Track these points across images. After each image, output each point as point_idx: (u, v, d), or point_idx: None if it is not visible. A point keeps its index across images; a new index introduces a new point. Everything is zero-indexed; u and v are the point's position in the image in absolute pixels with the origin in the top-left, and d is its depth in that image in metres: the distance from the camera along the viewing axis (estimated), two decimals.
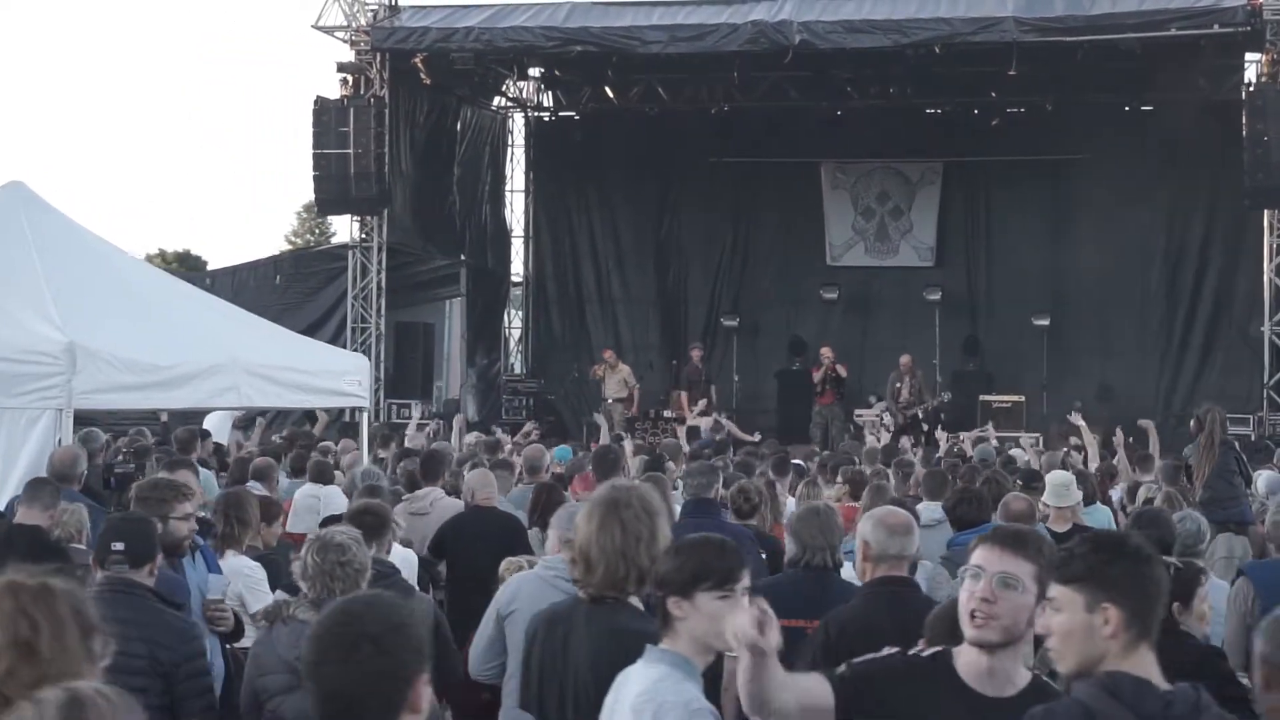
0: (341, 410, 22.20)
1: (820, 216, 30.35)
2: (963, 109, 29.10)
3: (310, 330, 26.17)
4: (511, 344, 32.24)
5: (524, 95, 31.24)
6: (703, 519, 9.22)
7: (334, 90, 25.72)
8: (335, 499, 11.31)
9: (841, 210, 30.35)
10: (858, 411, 26.69)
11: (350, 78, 25.58)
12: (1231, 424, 24.14)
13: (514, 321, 32.34)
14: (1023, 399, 27.10)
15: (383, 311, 26.26)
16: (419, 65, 26.02)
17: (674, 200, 31.16)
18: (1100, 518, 11.83)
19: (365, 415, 12.29)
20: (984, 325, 29.48)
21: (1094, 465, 16.52)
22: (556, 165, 31.48)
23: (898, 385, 25.86)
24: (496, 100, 30.92)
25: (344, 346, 26.09)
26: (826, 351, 26.86)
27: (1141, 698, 3.73)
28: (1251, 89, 23.17)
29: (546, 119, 31.82)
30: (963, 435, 21.39)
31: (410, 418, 25.35)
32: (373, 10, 25.71)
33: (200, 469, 13.78)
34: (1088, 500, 12.11)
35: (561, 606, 5.10)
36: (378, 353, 26.28)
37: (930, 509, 11.10)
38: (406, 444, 17.67)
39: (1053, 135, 28.46)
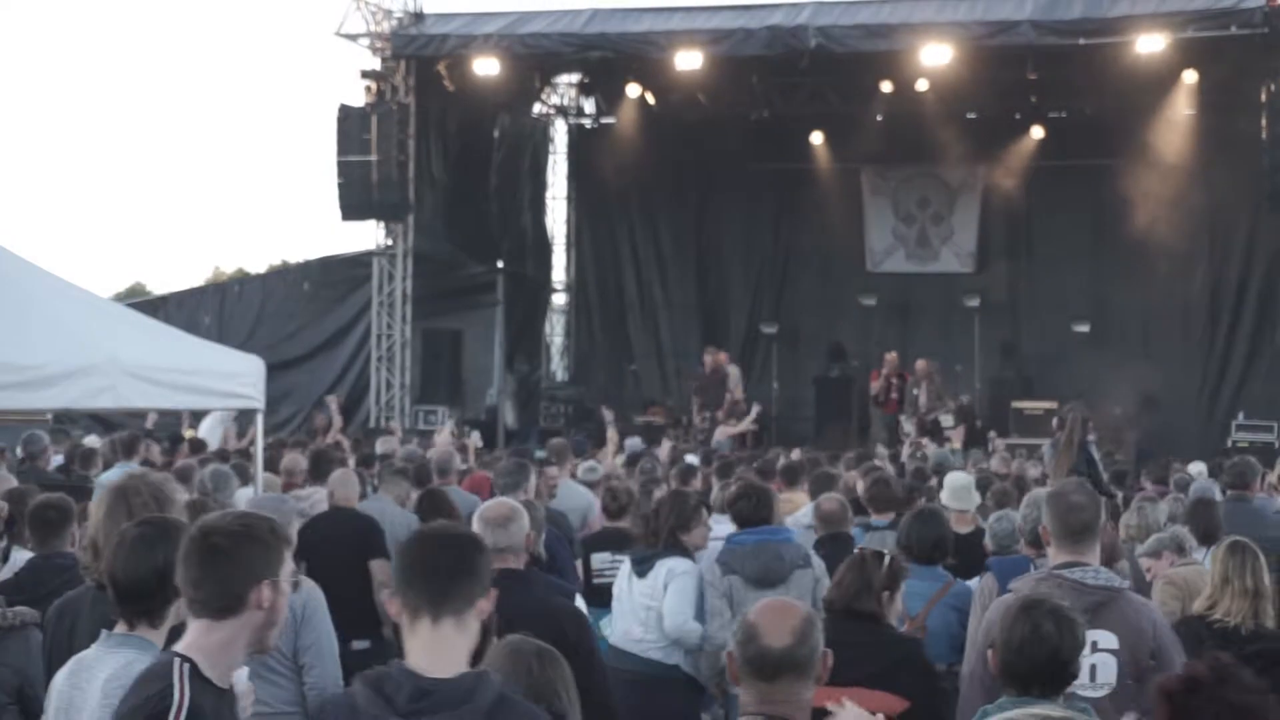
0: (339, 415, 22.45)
1: (861, 222, 30.18)
2: (1004, 114, 28.74)
3: (336, 337, 26.63)
4: (553, 351, 32.32)
5: (564, 103, 31.31)
6: None
7: (359, 98, 25.92)
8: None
9: (882, 216, 30.16)
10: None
11: (374, 85, 25.79)
12: (1262, 432, 23.96)
13: (556, 329, 32.41)
14: (1055, 405, 26.67)
15: (408, 318, 26.42)
16: (442, 72, 26.14)
17: (715, 207, 31.13)
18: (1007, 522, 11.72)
19: (259, 418, 12.29)
20: (1024, 331, 29.19)
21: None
22: (597, 172, 31.48)
23: (915, 391, 25.59)
24: (537, 108, 31.00)
25: (369, 353, 26.42)
26: (891, 358, 26.59)
27: (399, 689, 3.68)
28: (1272, 90, 22.62)
29: (587, 126, 31.86)
30: (925, 440, 21.13)
31: (436, 425, 25.58)
32: (398, 17, 25.90)
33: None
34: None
35: (73, 595, 5.13)
36: (403, 360, 26.49)
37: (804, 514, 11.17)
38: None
39: (1094, 140, 28.05)
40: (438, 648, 3.75)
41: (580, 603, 6.92)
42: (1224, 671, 3.62)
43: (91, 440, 17.22)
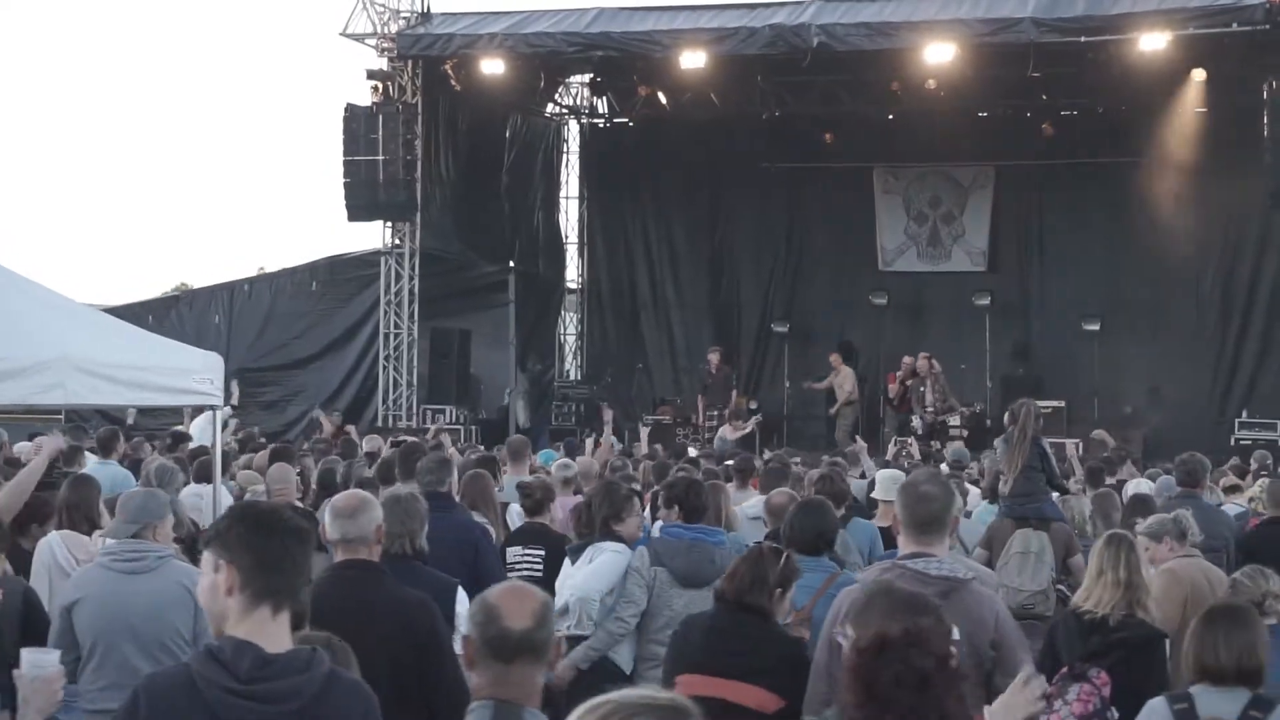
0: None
1: (872, 221, 30.13)
2: (1015, 112, 28.66)
3: (345, 336, 26.77)
4: (566, 350, 32.41)
5: (577, 103, 31.40)
6: (436, 512, 9.32)
7: (366, 98, 26.05)
8: (222, 498, 11.54)
9: (894, 215, 30.11)
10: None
11: (380, 85, 25.93)
12: (1265, 430, 23.82)
13: (569, 328, 32.49)
14: (1063, 404, 26.64)
15: (416, 317, 26.54)
16: (449, 71, 26.26)
17: (727, 206, 31.16)
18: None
19: (217, 414, 12.37)
20: (1036, 330, 29.13)
21: None
22: (610, 172, 31.62)
23: (921, 389, 25.53)
24: (550, 108, 31.10)
25: (377, 352, 26.54)
26: (908, 361, 26.56)
27: (240, 658, 3.78)
28: (1274, 87, 22.48)
29: (600, 125, 31.93)
30: (911, 440, 21.10)
31: (441, 423, 25.72)
32: (405, 17, 26.03)
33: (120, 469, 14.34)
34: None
35: None
36: (410, 359, 26.60)
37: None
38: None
39: (1106, 138, 28.01)
40: (273, 633, 3.90)
41: (461, 597, 6.96)
42: (916, 635, 3.64)
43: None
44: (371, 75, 26.00)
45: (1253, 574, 7.30)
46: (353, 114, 25.69)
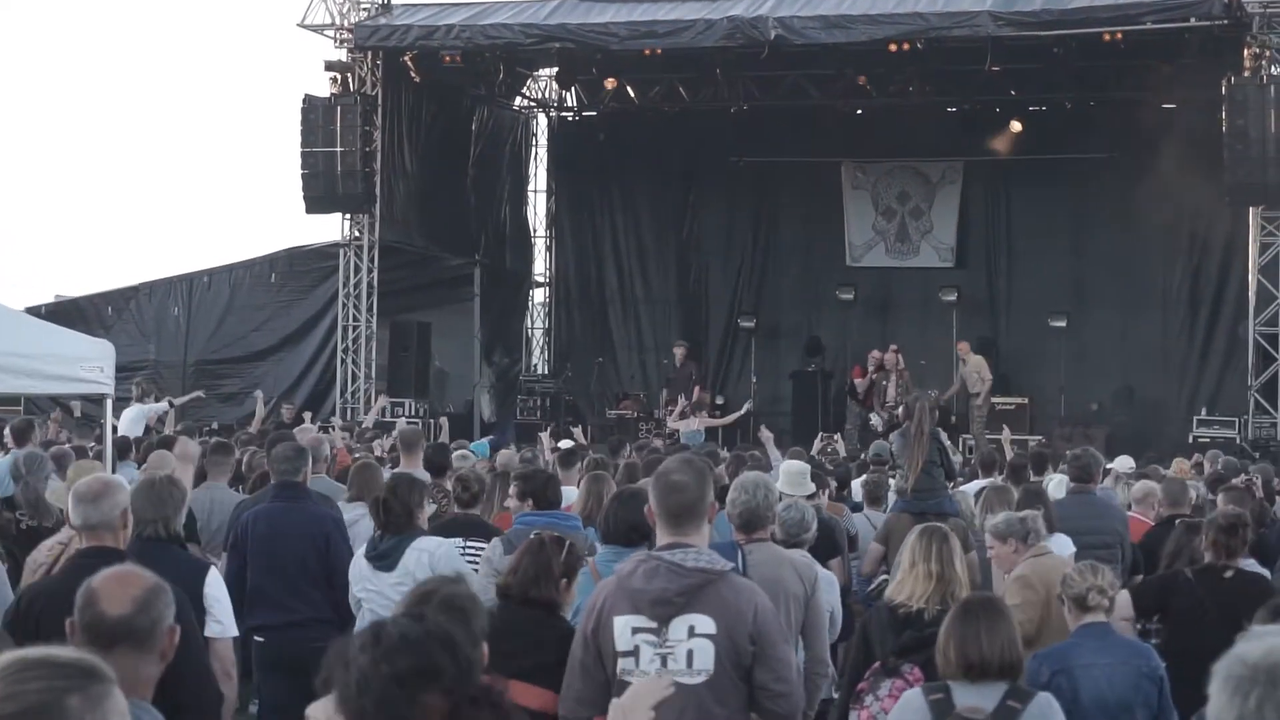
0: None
1: (841, 217, 29.95)
2: (984, 107, 28.49)
3: (304, 328, 26.64)
4: (534, 344, 32.26)
5: (545, 96, 31.25)
6: (286, 501, 9.19)
7: (325, 89, 25.93)
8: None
9: (862, 210, 29.94)
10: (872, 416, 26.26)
11: (339, 76, 25.78)
12: (1224, 427, 23.64)
13: (536, 321, 32.35)
14: (1026, 401, 26.58)
15: (374, 310, 26.40)
16: (408, 63, 26.12)
17: (695, 200, 31.04)
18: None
19: (109, 403, 12.23)
20: (1003, 326, 29.00)
21: None
22: (579, 165, 31.48)
23: (884, 384, 25.36)
24: (517, 101, 30.96)
25: (335, 345, 26.42)
26: (876, 355, 26.38)
27: None
28: (1231, 83, 22.27)
29: (569, 119, 31.79)
30: (837, 436, 20.94)
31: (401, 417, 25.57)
32: (365, 9, 25.88)
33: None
34: None
35: None
36: (368, 352, 26.46)
37: None
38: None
39: (1074, 134, 27.79)
40: None
41: (212, 579, 6.86)
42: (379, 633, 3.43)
43: None
44: (330, 66, 25.84)
45: (1082, 569, 7.13)
46: (310, 105, 25.55)
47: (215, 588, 7.01)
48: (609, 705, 5.44)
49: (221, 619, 7.00)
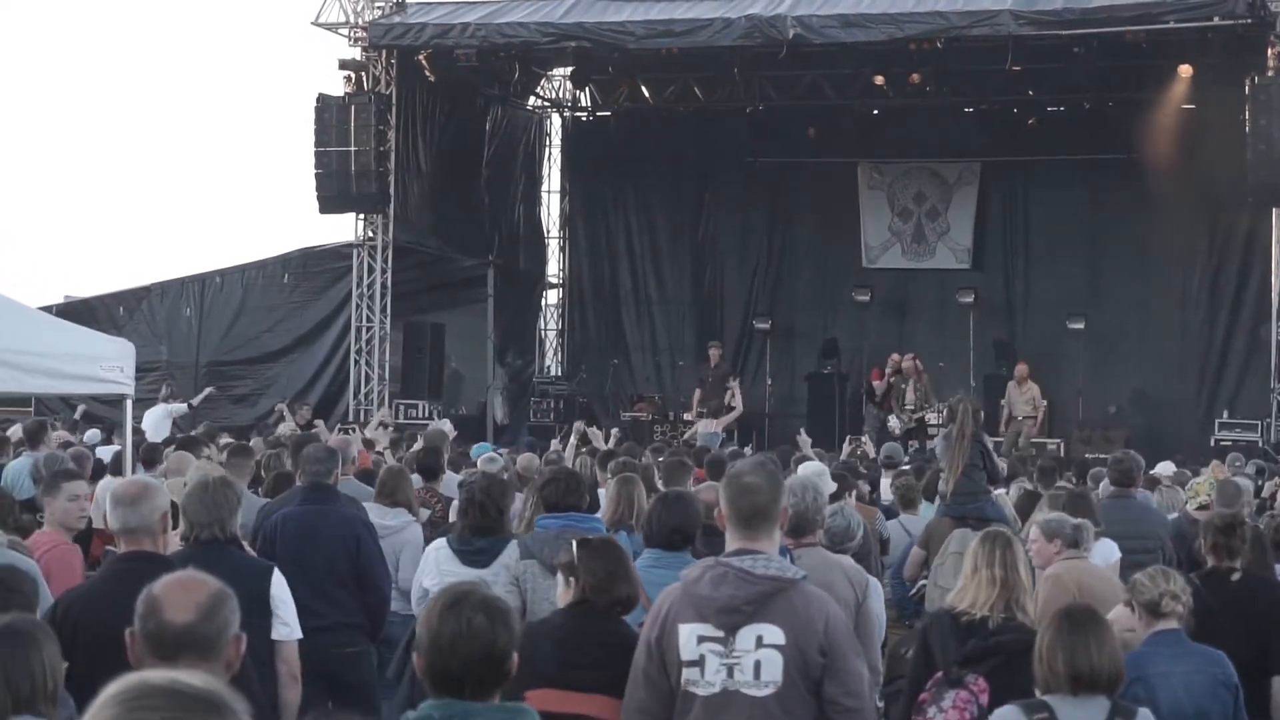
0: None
1: (856, 217, 29.75)
2: (1001, 108, 28.29)
3: (317, 329, 26.46)
4: (547, 346, 32.06)
5: (559, 95, 31.05)
6: (317, 504, 8.99)
7: (339, 88, 25.73)
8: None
9: (878, 211, 29.74)
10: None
11: (353, 75, 25.57)
12: (1246, 430, 23.40)
13: (550, 323, 32.15)
14: (1044, 403, 26.32)
15: (388, 311, 26.19)
16: (423, 62, 25.91)
17: (710, 200, 30.83)
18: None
19: (128, 404, 12.00)
20: (1020, 328, 28.76)
21: None
22: (593, 165, 31.28)
23: (903, 387, 25.13)
24: (531, 100, 30.77)
25: (348, 347, 26.22)
26: (895, 358, 26.12)
27: None
28: (1255, 83, 22.05)
29: (583, 119, 31.59)
30: (864, 439, 20.73)
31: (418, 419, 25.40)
32: (380, 7, 25.67)
33: None
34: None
35: None
36: (382, 354, 26.25)
37: None
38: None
39: (1092, 134, 27.55)
40: None
41: (277, 580, 6.77)
42: None
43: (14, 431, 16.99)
44: (344, 65, 25.62)
45: (1153, 574, 6.90)
46: (324, 104, 25.32)
47: (280, 589, 6.89)
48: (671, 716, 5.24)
49: (289, 621, 6.89)
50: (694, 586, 5.27)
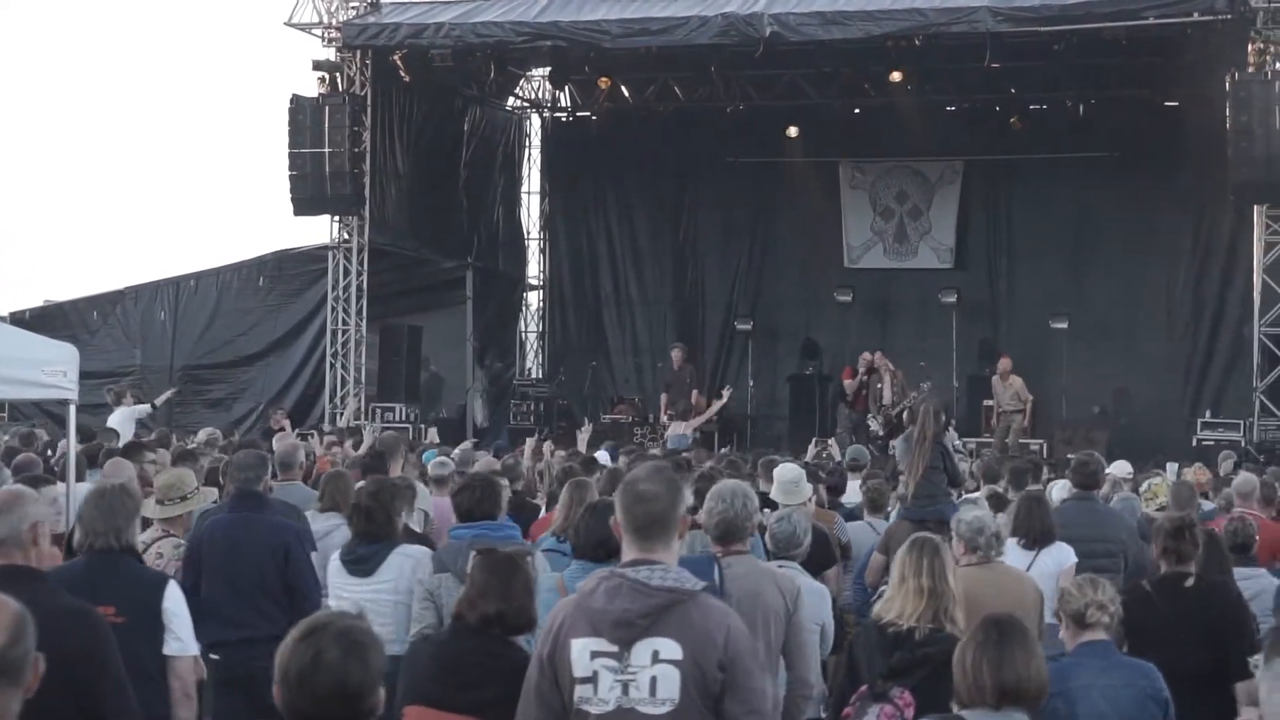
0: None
1: (839, 217, 29.52)
2: (983, 106, 28.14)
3: (293, 332, 26.22)
4: (528, 348, 31.82)
5: (539, 96, 30.82)
6: (245, 512, 8.74)
7: (313, 89, 25.48)
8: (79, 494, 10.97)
9: (860, 211, 29.53)
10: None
11: (327, 75, 25.33)
12: (1228, 430, 23.15)
13: (530, 325, 31.91)
14: (1030, 397, 26.06)
15: (364, 314, 25.94)
16: (398, 63, 25.67)
17: (691, 201, 30.62)
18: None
19: (72, 409, 11.76)
20: (1003, 328, 28.52)
21: None
22: (573, 166, 31.08)
23: (879, 386, 24.86)
24: (510, 101, 30.54)
25: (324, 350, 25.98)
26: (866, 357, 25.88)
27: None
28: (1235, 80, 21.81)
29: (563, 119, 31.36)
30: (831, 441, 20.46)
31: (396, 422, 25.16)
32: (354, 7, 25.43)
33: None
34: None
35: None
36: (358, 357, 26.00)
37: None
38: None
39: (1075, 133, 27.38)
40: None
41: (171, 593, 6.51)
42: None
43: None
44: (318, 66, 25.38)
45: (1081, 584, 6.66)
46: (298, 105, 25.09)
47: (174, 602, 6.63)
48: None
49: (182, 635, 6.62)
50: (588, 599, 5.00)
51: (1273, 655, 3.74)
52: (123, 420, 19.56)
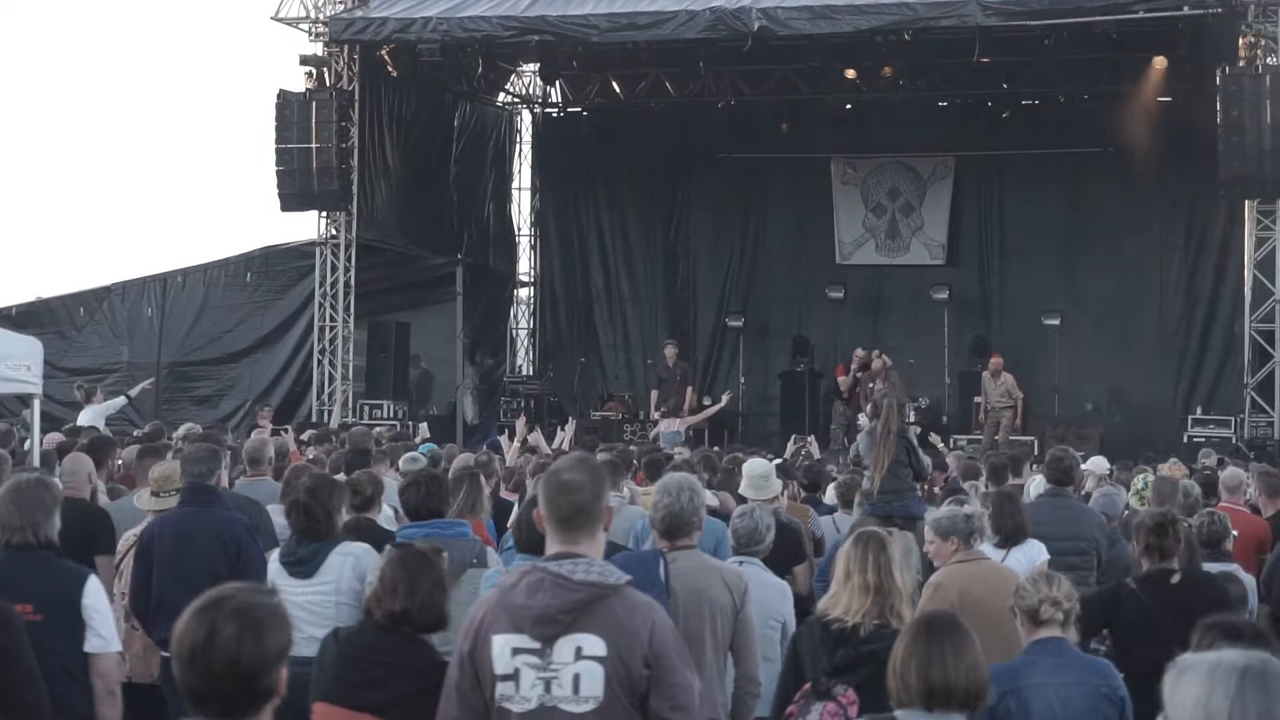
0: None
1: (830, 214, 29.39)
2: (975, 101, 28.04)
3: (280, 329, 26.11)
4: (519, 344, 31.69)
5: (529, 91, 30.69)
6: (199, 507, 8.61)
7: (300, 84, 25.36)
8: None
9: (852, 207, 29.38)
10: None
11: (314, 70, 25.21)
12: (1219, 427, 23.02)
13: (521, 322, 31.77)
14: (1020, 395, 25.95)
15: (352, 310, 25.80)
16: (385, 58, 25.54)
17: (683, 197, 30.50)
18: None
19: (36, 404, 11.66)
20: (995, 324, 28.40)
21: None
22: (564, 162, 30.95)
23: (871, 385, 24.70)
24: (501, 96, 30.41)
25: (312, 347, 25.85)
26: (860, 353, 25.76)
27: None
28: (1226, 74, 21.66)
29: (554, 115, 31.23)
30: (811, 438, 20.38)
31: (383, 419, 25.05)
32: (340, 2, 25.29)
33: None
34: None
35: None
36: (345, 353, 25.86)
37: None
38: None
39: (1067, 128, 27.27)
40: None
41: (91, 588, 6.39)
42: None
43: None
44: (305, 61, 25.26)
45: (1036, 580, 6.52)
46: (285, 101, 24.97)
47: (95, 598, 6.48)
48: None
49: (103, 632, 6.48)
50: (509, 594, 4.87)
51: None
52: (93, 418, 19.42)
